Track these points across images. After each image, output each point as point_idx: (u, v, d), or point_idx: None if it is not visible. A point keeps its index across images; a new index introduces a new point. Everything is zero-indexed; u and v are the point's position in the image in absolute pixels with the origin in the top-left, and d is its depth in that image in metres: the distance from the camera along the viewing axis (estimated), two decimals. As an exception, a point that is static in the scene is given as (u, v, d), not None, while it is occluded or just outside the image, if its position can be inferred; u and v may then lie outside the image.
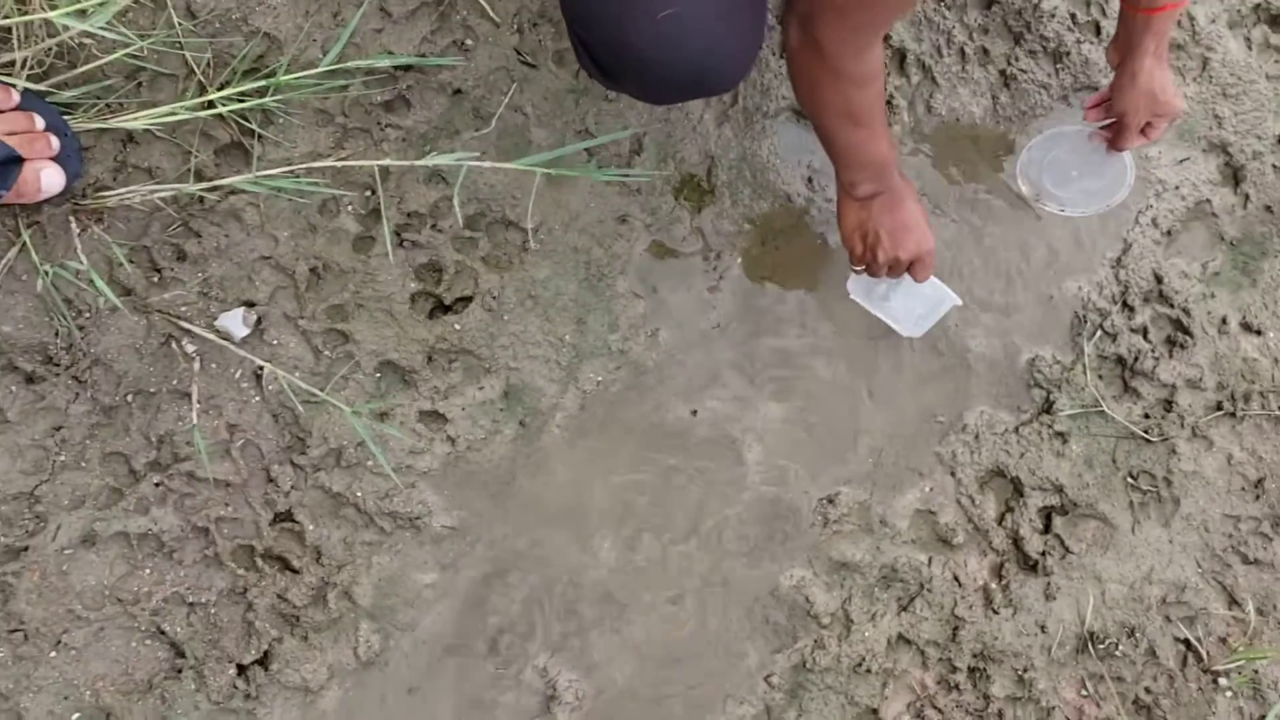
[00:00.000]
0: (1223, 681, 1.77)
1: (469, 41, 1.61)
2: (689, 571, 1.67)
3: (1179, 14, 1.77)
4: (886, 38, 1.75)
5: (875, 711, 1.68)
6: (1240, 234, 1.86)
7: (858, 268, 1.62)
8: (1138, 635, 1.75)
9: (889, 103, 1.76)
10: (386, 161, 1.43)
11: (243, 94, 1.46)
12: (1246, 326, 1.84)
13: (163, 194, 1.45)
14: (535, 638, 1.62)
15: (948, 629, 1.72)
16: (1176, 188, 1.84)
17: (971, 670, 1.71)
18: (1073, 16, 1.81)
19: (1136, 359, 1.79)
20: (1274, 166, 1.87)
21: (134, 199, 1.44)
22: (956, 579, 1.73)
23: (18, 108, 1.34)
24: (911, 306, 1.69)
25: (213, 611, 1.52)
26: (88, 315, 1.47)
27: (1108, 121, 1.65)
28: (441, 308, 1.62)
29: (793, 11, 1.32)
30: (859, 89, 1.35)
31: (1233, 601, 1.79)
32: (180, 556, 1.51)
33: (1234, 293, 1.85)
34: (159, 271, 1.50)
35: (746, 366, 1.72)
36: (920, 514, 1.74)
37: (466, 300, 1.62)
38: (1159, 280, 1.82)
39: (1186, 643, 1.77)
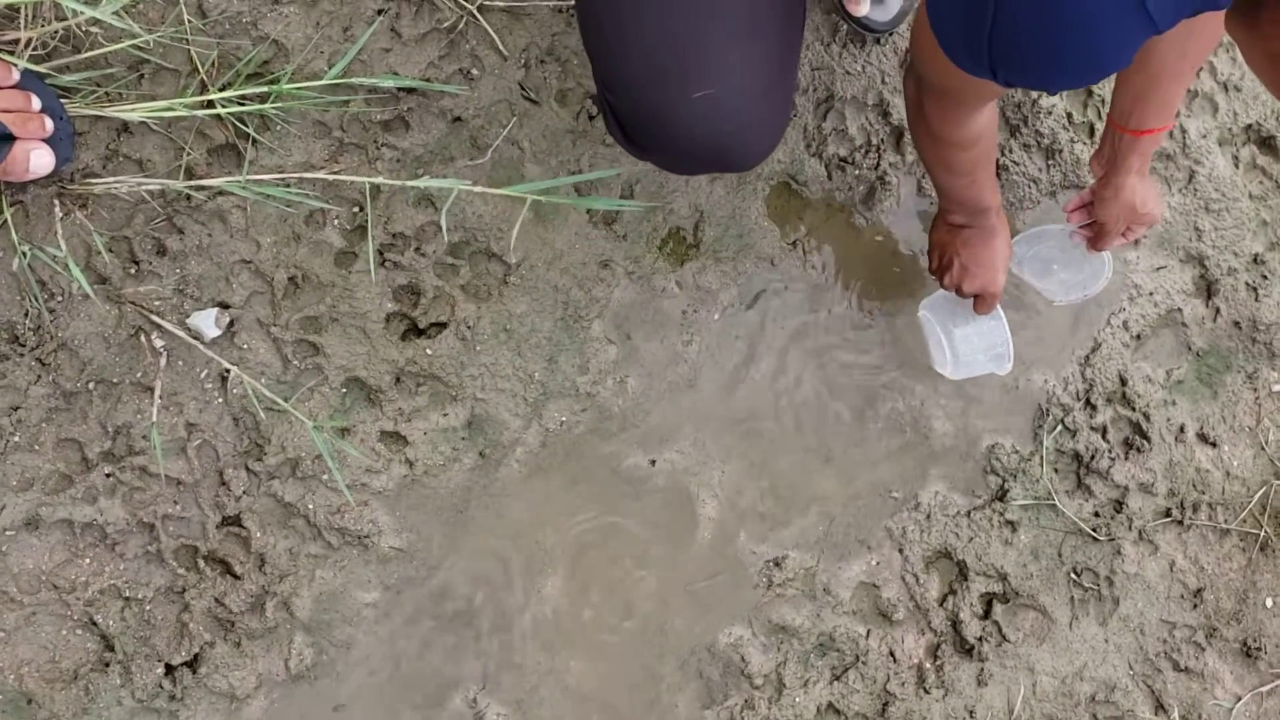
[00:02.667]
0: (1140, 786, 1.79)
1: (474, 71, 1.61)
2: (629, 618, 1.68)
3: (1165, 135, 1.80)
4: (887, 114, 1.77)
5: (797, 779, 1.69)
6: (1207, 346, 1.89)
7: (942, 289, 1.68)
8: (1063, 730, 1.77)
9: (881, 179, 1.78)
10: (379, 180, 1.44)
11: (244, 97, 1.46)
12: (1203, 437, 1.87)
13: (150, 187, 1.44)
14: (469, 668, 1.62)
15: (878, 703, 1.73)
16: (1150, 294, 1.87)
17: (896, 747, 1.72)
18: (1069, 115, 1.84)
19: (1093, 457, 1.81)
20: (1247, 284, 1.90)
21: (121, 189, 1.43)
22: (892, 654, 1.74)
23: (16, 86, 1.34)
24: (968, 350, 1.71)
25: (148, 608, 1.51)
26: (60, 299, 1.46)
27: (1088, 222, 1.67)
28: (415, 331, 1.62)
29: (911, 71, 1.35)
30: (958, 151, 1.40)
31: (1159, 707, 1.81)
32: (122, 550, 1.50)
33: (1194, 403, 1.88)
34: (137, 263, 1.50)
35: (710, 423, 1.73)
36: (864, 586, 1.75)
37: (441, 326, 1.62)
38: (1123, 382, 1.84)
39: (1110, 743, 1.79)
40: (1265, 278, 1.90)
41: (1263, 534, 1.87)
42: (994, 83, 1.06)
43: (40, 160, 1.36)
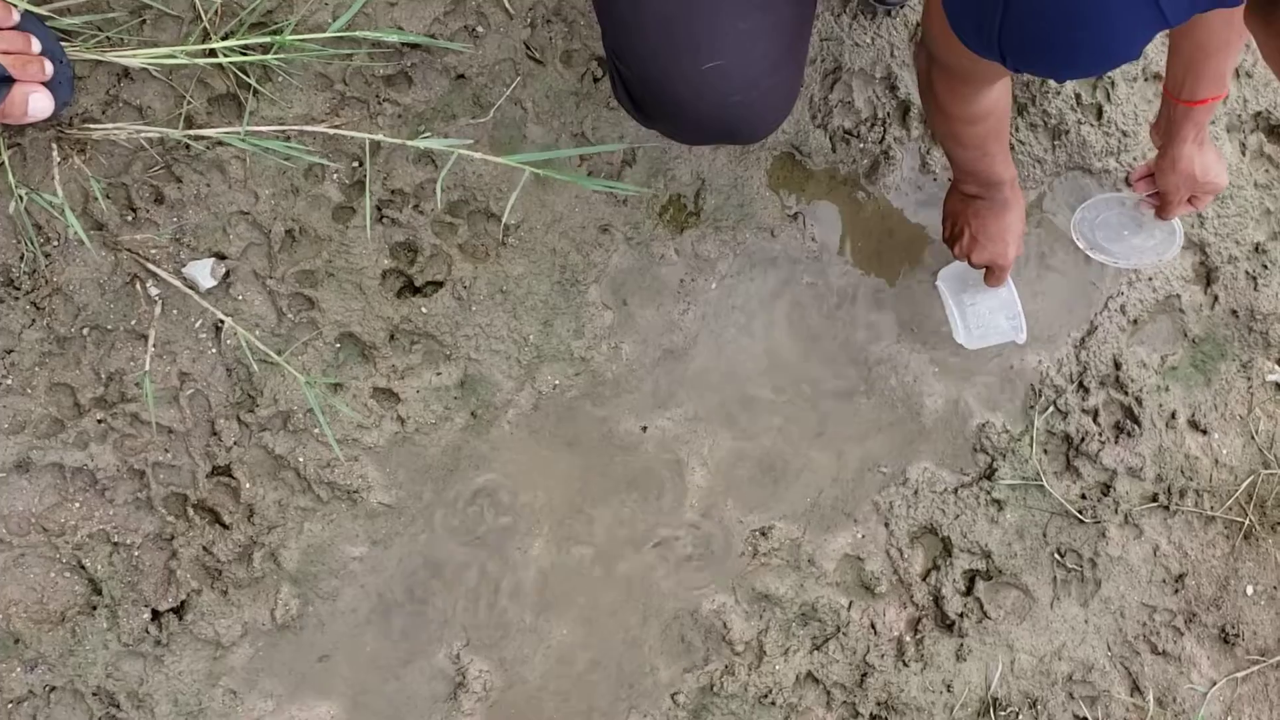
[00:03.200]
0: (1112, 766, 1.82)
1: (480, 29, 1.60)
2: (615, 581, 1.69)
3: (1219, 105, 1.80)
4: (895, 88, 1.76)
5: (773, 746, 1.71)
6: (1203, 333, 1.89)
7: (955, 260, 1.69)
8: (1039, 708, 1.79)
9: (886, 153, 1.77)
10: (379, 136, 1.43)
11: (246, 47, 1.45)
12: (1194, 424, 1.88)
13: (149, 135, 1.43)
14: (453, 624, 1.64)
15: (857, 674, 1.74)
16: (1150, 279, 1.87)
17: (873, 718, 1.74)
18: (1078, 96, 1.83)
19: (1083, 440, 1.82)
20: (1247, 273, 1.89)
21: (120, 135, 1.42)
22: (873, 626, 1.76)
23: (16, 27, 1.33)
24: (985, 321, 1.73)
25: (136, 554, 1.52)
26: (56, 243, 1.46)
27: (1153, 192, 1.67)
28: (411, 289, 1.62)
29: (922, 45, 1.35)
30: (967, 126, 1.41)
31: (1135, 689, 1.83)
32: (112, 495, 1.51)
33: (1187, 389, 1.88)
34: (134, 211, 1.49)
35: (703, 391, 1.73)
36: (848, 558, 1.77)
37: (437, 285, 1.62)
38: (1117, 366, 1.84)
39: (1084, 721, 1.82)
40: (1265, 267, 1.89)
41: (1247, 522, 1.88)
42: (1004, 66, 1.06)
43: (39, 104, 1.35)
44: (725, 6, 1.22)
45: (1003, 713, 1.78)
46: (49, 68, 1.35)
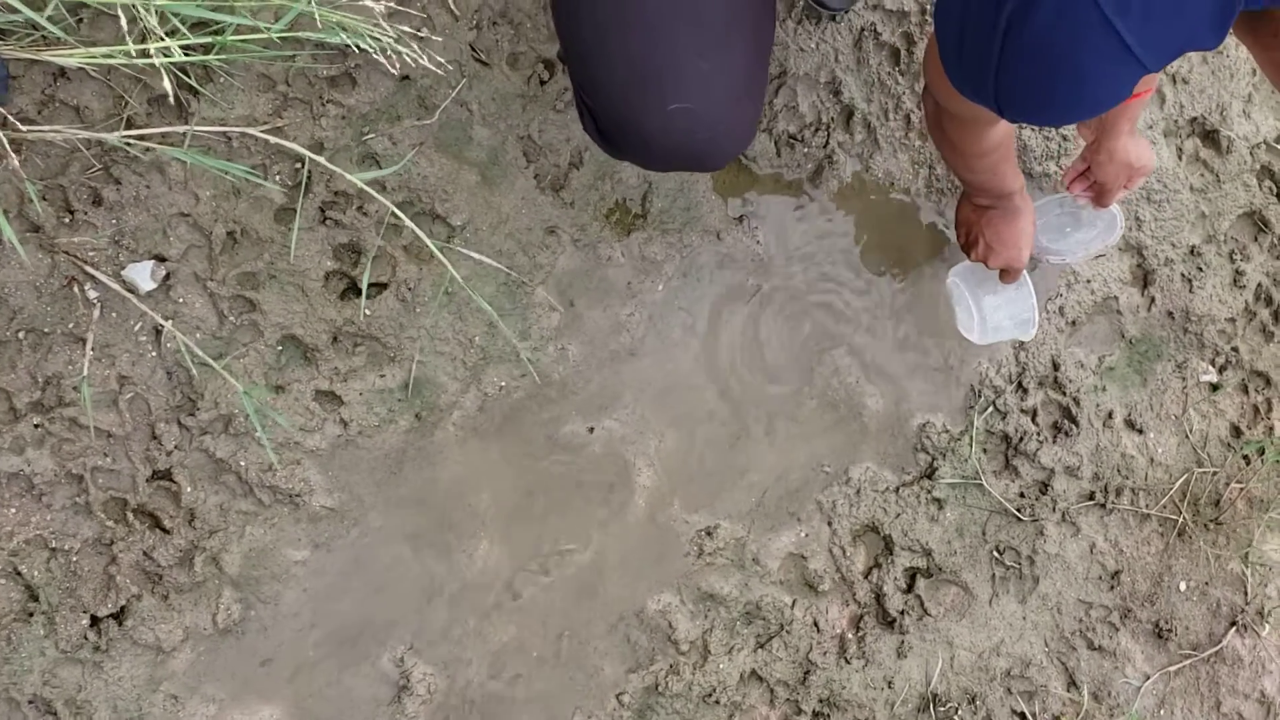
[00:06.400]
0: (1047, 759, 1.86)
1: (425, 30, 1.59)
2: (560, 582, 1.70)
3: (1151, 99, 1.85)
4: (838, 93, 1.77)
5: (716, 744, 1.73)
6: (1140, 334, 1.93)
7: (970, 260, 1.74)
8: (978, 703, 1.82)
9: (830, 158, 1.78)
10: (321, 160, 1.41)
11: (187, 48, 1.42)
12: (1130, 424, 1.91)
13: (86, 137, 1.41)
14: (397, 627, 1.63)
15: (800, 671, 1.76)
16: (1088, 281, 1.90)
17: (816, 714, 1.76)
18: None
19: (1022, 439, 1.85)
20: (1183, 275, 1.93)
21: (57, 137, 1.40)
22: (816, 624, 1.78)
23: (-54, 26, 1.30)
24: (995, 317, 1.77)
25: (74, 559, 1.50)
26: (-10, 245, 1.44)
27: (1088, 185, 1.71)
28: (355, 290, 1.61)
29: (927, 92, 1.41)
30: (978, 159, 1.48)
31: (1072, 683, 1.87)
32: (50, 500, 1.49)
33: (1124, 389, 1.92)
34: (72, 213, 1.47)
35: (649, 392, 1.74)
36: (792, 557, 1.78)
37: (381, 286, 1.61)
38: (1056, 367, 1.87)
39: (1023, 716, 1.84)
40: (1200, 270, 1.93)
41: (1181, 520, 1.92)
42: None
43: (-29, 104, 1.32)
44: (687, 45, 1.25)
45: (942, 708, 1.81)
46: (-19, 67, 1.32)
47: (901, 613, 1.80)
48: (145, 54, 1.41)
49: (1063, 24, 0.95)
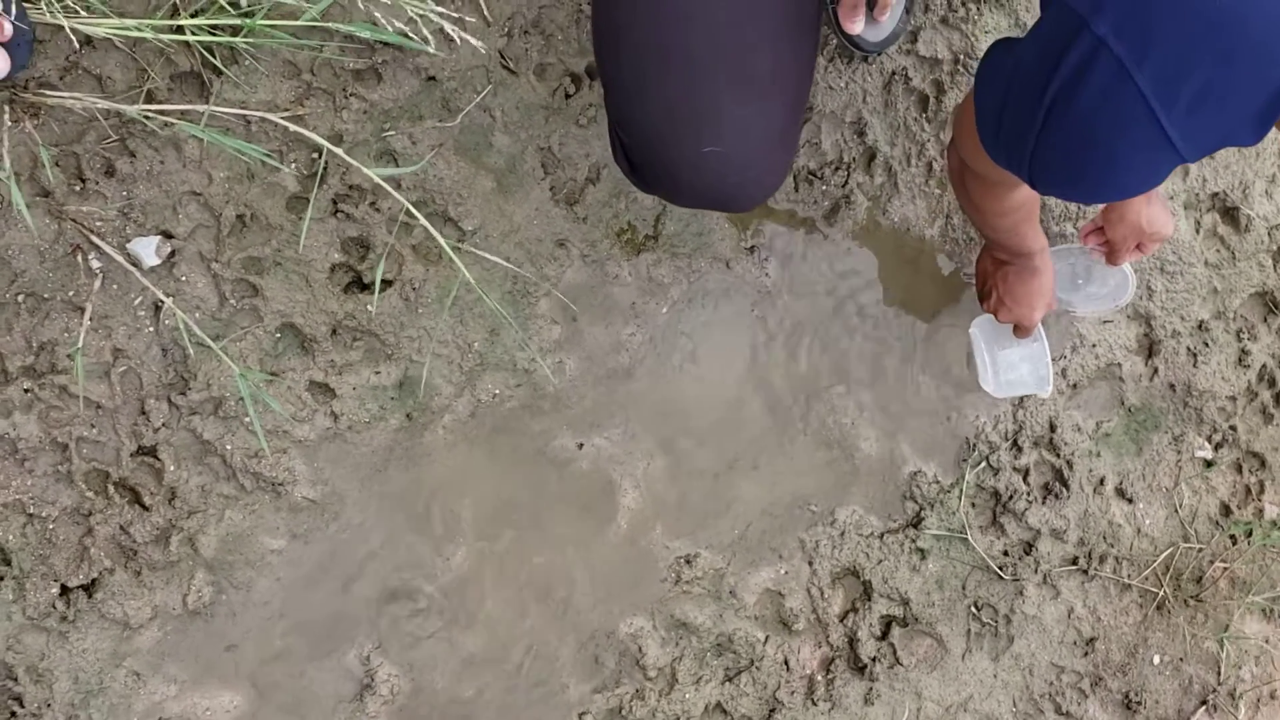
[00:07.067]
0: (1003, 821, 1.85)
1: (456, 33, 1.58)
2: (534, 595, 1.69)
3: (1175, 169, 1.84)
4: (863, 134, 1.76)
5: (674, 774, 1.72)
6: (1140, 403, 1.92)
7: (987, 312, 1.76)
8: (939, 757, 1.82)
9: (847, 198, 1.77)
10: (339, 151, 1.41)
11: (215, 27, 1.41)
12: (1121, 492, 1.90)
13: (105, 107, 1.40)
14: (366, 626, 1.63)
15: (765, 709, 1.76)
16: (1093, 345, 1.89)
17: (776, 753, 1.76)
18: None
19: (1011, 498, 1.84)
20: (1188, 349, 1.92)
21: (76, 105, 1.39)
22: (786, 663, 1.77)
23: (-24, -15, 1.29)
24: (1013, 372, 1.78)
25: (50, 527, 1.50)
26: (-2, 205, 1.43)
27: (1102, 241, 1.72)
28: (359, 285, 1.61)
29: (954, 148, 1.41)
30: (1001, 218, 1.49)
31: (1035, 746, 1.87)
32: (32, 466, 1.49)
33: (1118, 457, 1.91)
34: (83, 181, 1.46)
35: (643, 414, 1.73)
36: (769, 593, 1.78)
37: (386, 284, 1.61)
38: (1052, 429, 1.87)
39: (983, 774, 1.84)
40: (1207, 345, 1.92)
41: (1162, 593, 1.91)
42: None
43: (-6, 63, 1.31)
44: (727, 92, 1.25)
45: (904, 759, 1.80)
46: (8, 28, 1.31)
47: (873, 659, 1.79)
48: (174, 29, 1.41)
49: (1107, 109, 0.95)
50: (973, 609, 1.84)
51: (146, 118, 1.45)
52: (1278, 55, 0.91)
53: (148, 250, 1.48)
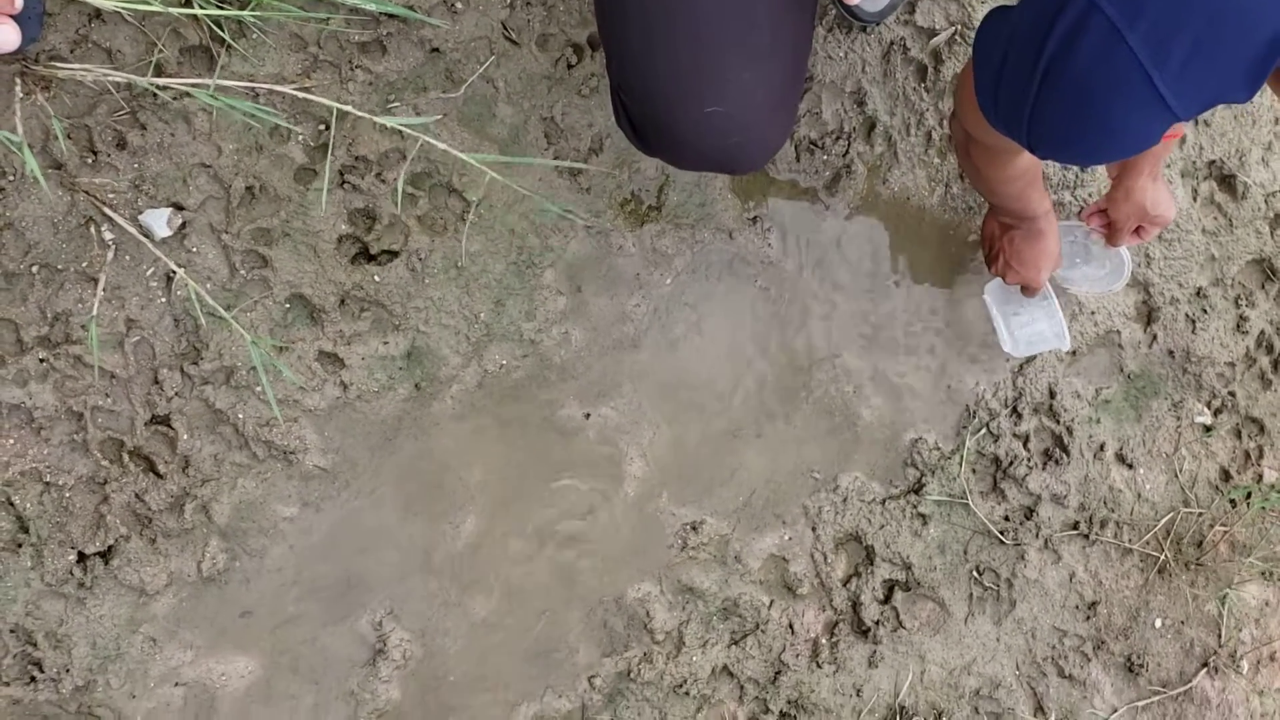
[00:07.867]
0: (1007, 781, 1.87)
1: (459, 4, 1.60)
2: (543, 562, 1.71)
3: (1176, 142, 1.87)
4: (863, 103, 1.78)
5: (682, 735, 1.75)
6: (1139, 370, 1.94)
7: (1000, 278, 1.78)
8: (944, 719, 1.84)
9: (848, 167, 1.79)
10: (347, 108, 1.43)
11: (223, 0, 1.44)
12: (1121, 458, 1.92)
13: (116, 79, 1.42)
14: (378, 592, 1.65)
15: (770, 671, 1.78)
16: (1092, 313, 1.91)
17: (783, 715, 1.78)
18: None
19: (1011, 463, 1.86)
20: (1187, 315, 1.94)
21: (87, 77, 1.41)
22: (791, 626, 1.79)
23: (-12, -42, 1.31)
24: (1029, 331, 1.81)
25: (67, 495, 1.52)
26: (11, 178, 1.45)
27: (1104, 222, 1.73)
28: (366, 256, 1.63)
29: (956, 119, 1.44)
30: (1004, 185, 1.53)
31: (1039, 709, 1.89)
32: (48, 435, 1.51)
33: (1118, 423, 1.93)
34: (95, 154, 1.48)
35: (648, 384, 1.76)
36: (774, 558, 1.80)
37: (393, 254, 1.63)
38: (1052, 395, 1.89)
39: (987, 736, 1.86)
40: (1205, 311, 1.94)
41: (1163, 557, 1.94)
42: None
43: (5, 36, 1.33)
44: (732, 57, 1.27)
45: (908, 721, 1.83)
46: (18, 1, 1.33)
47: (876, 623, 1.81)
48: (183, 3, 1.43)
49: (1100, 70, 0.97)
50: (974, 573, 1.86)
51: (157, 91, 1.47)
52: (1263, 12, 0.93)
53: (159, 222, 1.50)
